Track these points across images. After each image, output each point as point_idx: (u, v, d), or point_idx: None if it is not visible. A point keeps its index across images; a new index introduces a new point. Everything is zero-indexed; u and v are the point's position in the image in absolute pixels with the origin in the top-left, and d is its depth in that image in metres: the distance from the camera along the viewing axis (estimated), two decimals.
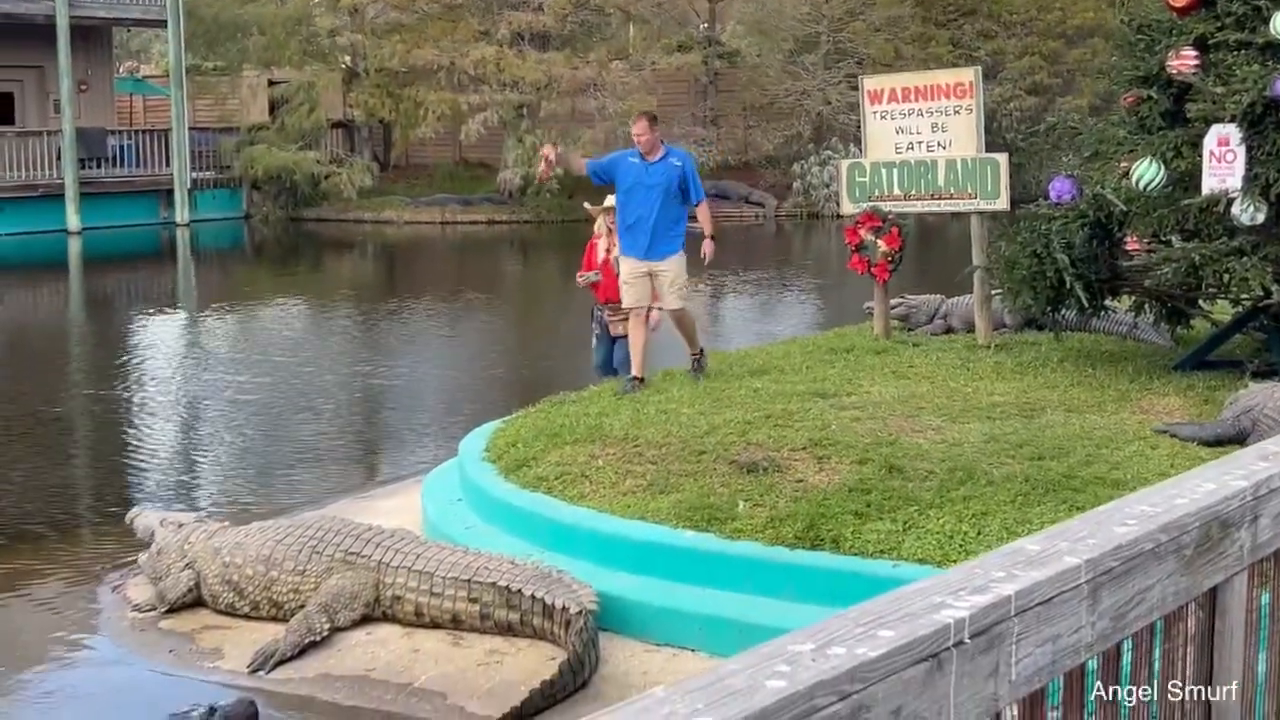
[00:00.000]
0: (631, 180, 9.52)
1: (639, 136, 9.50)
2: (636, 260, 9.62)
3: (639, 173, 9.49)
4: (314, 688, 6.76)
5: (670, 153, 9.62)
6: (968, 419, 8.37)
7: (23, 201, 32.29)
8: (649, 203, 9.49)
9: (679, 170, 9.51)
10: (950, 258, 17.58)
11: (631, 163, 9.53)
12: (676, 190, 9.54)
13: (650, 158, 9.49)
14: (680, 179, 9.51)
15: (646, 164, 9.49)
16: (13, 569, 8.80)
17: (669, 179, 9.48)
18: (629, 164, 9.54)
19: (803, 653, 1.75)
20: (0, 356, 18.54)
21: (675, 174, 9.49)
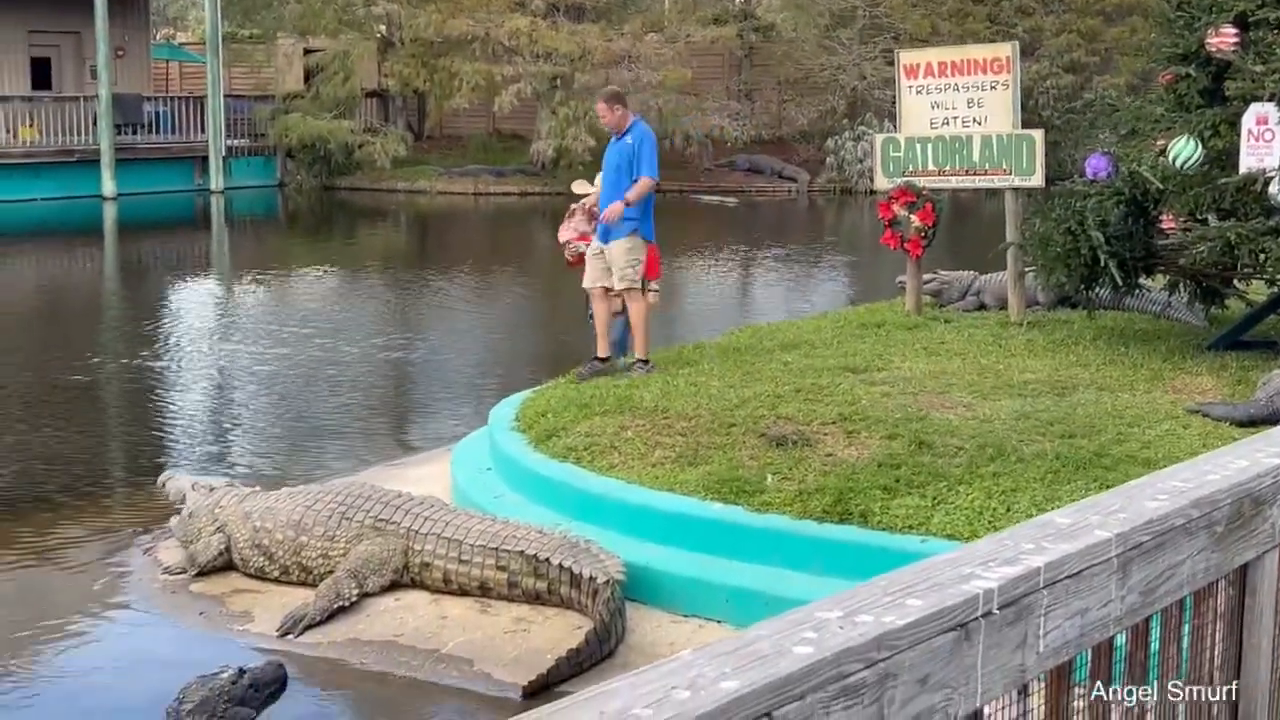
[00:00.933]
0: (604, 162, 9.59)
1: (602, 117, 9.50)
2: (595, 239, 9.69)
3: (607, 153, 9.53)
4: (342, 652, 6.80)
5: (631, 130, 9.47)
6: (999, 396, 8.34)
7: (59, 167, 32.46)
8: (606, 183, 9.54)
9: (631, 148, 9.39)
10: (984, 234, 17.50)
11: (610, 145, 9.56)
12: (627, 167, 9.41)
13: (616, 136, 9.47)
14: (631, 155, 9.38)
15: (614, 144, 9.49)
16: (46, 532, 8.87)
17: (622, 157, 9.42)
18: (609, 147, 9.58)
19: (830, 619, 1.75)
20: (35, 322, 18.67)
21: (628, 151, 9.39)
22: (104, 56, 33.18)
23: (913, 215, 11.13)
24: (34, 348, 15.87)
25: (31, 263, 25.22)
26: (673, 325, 17.52)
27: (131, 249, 27.18)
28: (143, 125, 34.70)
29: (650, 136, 9.50)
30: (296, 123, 35.48)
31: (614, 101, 9.45)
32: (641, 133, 9.47)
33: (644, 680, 1.54)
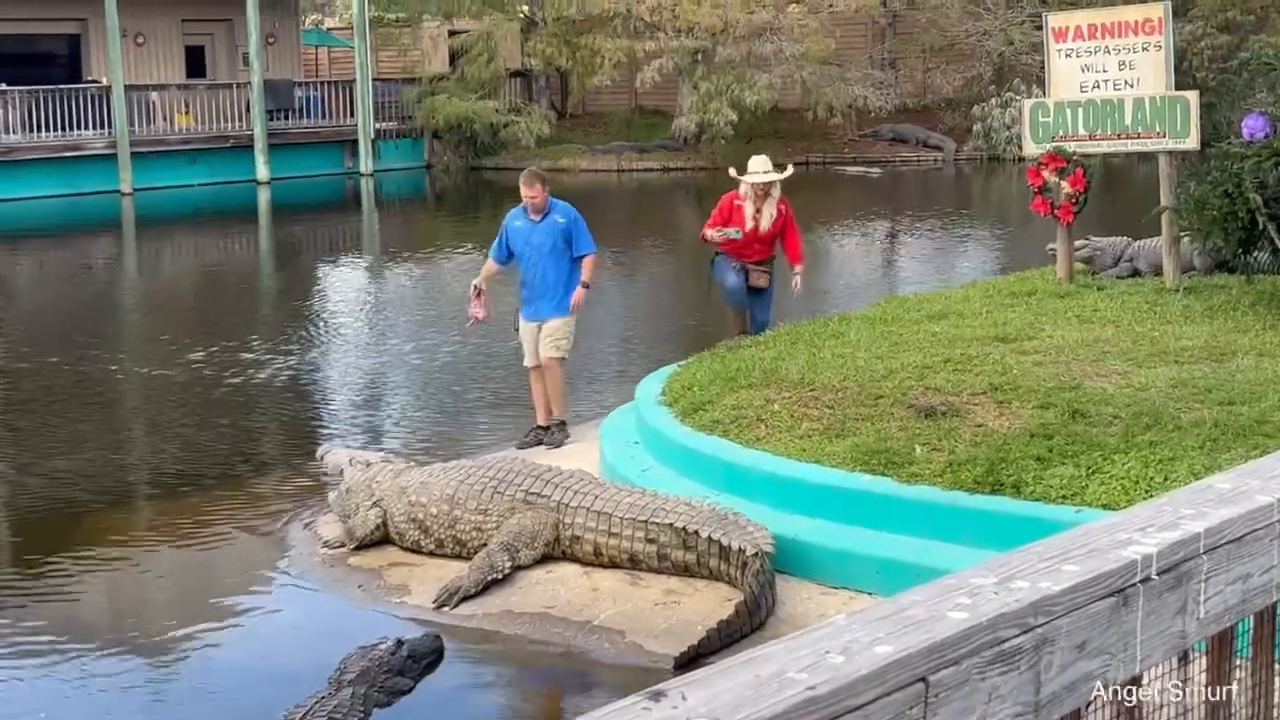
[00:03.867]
0: (522, 242, 9.51)
1: (532, 199, 9.39)
2: (526, 321, 9.69)
3: (526, 235, 9.46)
4: (497, 623, 6.92)
5: (554, 209, 9.47)
6: (1154, 364, 8.17)
7: (214, 152, 33.29)
8: (537, 264, 9.49)
9: (562, 227, 9.41)
10: (1137, 199, 17.12)
11: (518, 226, 9.49)
12: (563, 247, 9.47)
13: (536, 217, 9.41)
14: (565, 234, 9.42)
15: (532, 224, 9.42)
16: (210, 508, 9.14)
17: (553, 237, 9.42)
18: (516, 228, 9.51)
19: (985, 585, 1.75)
20: (196, 304, 19.20)
21: (559, 230, 9.40)
22: (255, 44, 33.92)
23: (1063, 181, 10.93)
24: (195, 330, 16.33)
25: (192, 246, 25.93)
26: (819, 297, 17.43)
27: (286, 232, 27.80)
28: (294, 110, 35.40)
29: (577, 213, 9.64)
30: (442, 104, 35.92)
31: (543, 182, 9.47)
32: (568, 211, 9.58)
33: (798, 644, 1.55)
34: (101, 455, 10.53)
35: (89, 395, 12.41)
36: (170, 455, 10.58)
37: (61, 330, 16.55)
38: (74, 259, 23.98)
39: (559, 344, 9.73)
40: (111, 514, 9.14)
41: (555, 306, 9.68)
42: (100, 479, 9.93)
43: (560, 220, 9.47)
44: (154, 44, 35.57)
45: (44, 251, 24.92)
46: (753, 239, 10.53)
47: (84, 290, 20.51)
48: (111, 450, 10.75)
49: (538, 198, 9.40)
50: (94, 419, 11.66)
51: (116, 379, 13.10)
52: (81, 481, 9.82)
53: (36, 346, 15.27)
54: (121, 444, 11.00)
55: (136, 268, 23.38)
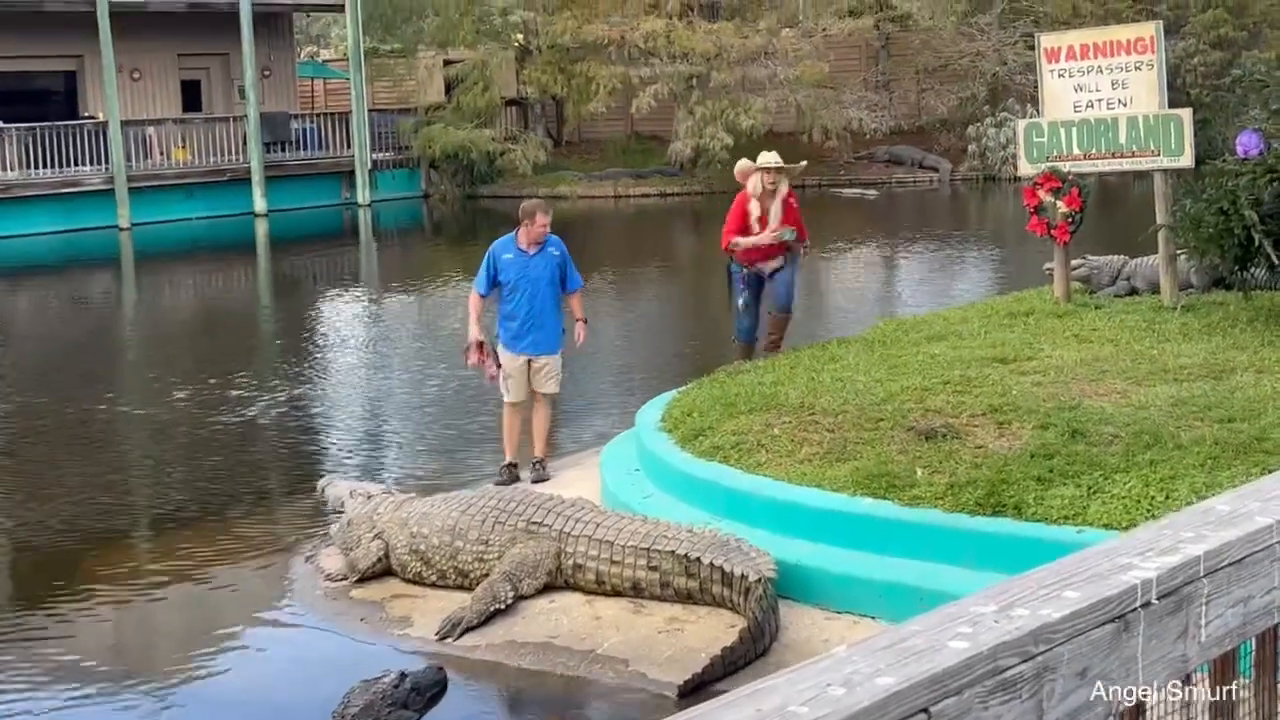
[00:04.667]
0: (518, 274, 9.36)
1: (545, 227, 9.31)
2: (515, 355, 9.51)
3: (521, 266, 9.34)
4: (500, 654, 6.90)
5: (550, 242, 9.41)
6: (1153, 382, 8.17)
7: (212, 186, 33.34)
8: (534, 296, 9.39)
9: (557, 260, 9.37)
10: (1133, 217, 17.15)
11: (509, 258, 9.36)
12: (558, 279, 9.44)
13: (532, 250, 9.35)
14: (561, 267, 9.40)
15: (528, 256, 9.34)
16: (212, 542, 9.13)
17: (550, 269, 9.37)
18: (508, 260, 9.37)
19: (985, 614, 1.75)
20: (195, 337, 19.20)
21: (555, 263, 9.36)
22: (251, 77, 34.01)
23: (1059, 201, 10.95)
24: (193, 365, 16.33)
25: (190, 280, 25.94)
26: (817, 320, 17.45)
27: (284, 264, 27.83)
28: (291, 143, 35.47)
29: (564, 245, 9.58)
30: (439, 134, 36.00)
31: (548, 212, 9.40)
32: (559, 243, 9.51)
33: (800, 677, 1.55)
34: (100, 492, 10.51)
35: (87, 432, 12.40)
36: (170, 490, 10.57)
37: (60, 367, 16.55)
38: (72, 295, 24.01)
39: (559, 378, 9.71)
40: (112, 550, 9.13)
41: (554, 341, 9.62)
42: (100, 515, 9.91)
43: (555, 253, 9.43)
44: (150, 79, 35.67)
45: (43, 288, 24.94)
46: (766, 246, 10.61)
47: (82, 327, 20.53)
48: (110, 486, 10.73)
49: (548, 226, 9.37)
50: (92, 456, 11.65)
51: (115, 415, 13.09)
52: (82, 518, 9.81)
53: (33, 384, 15.27)
54: (121, 480, 10.98)
55: (134, 303, 23.39)
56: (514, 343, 9.54)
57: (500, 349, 9.60)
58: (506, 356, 9.58)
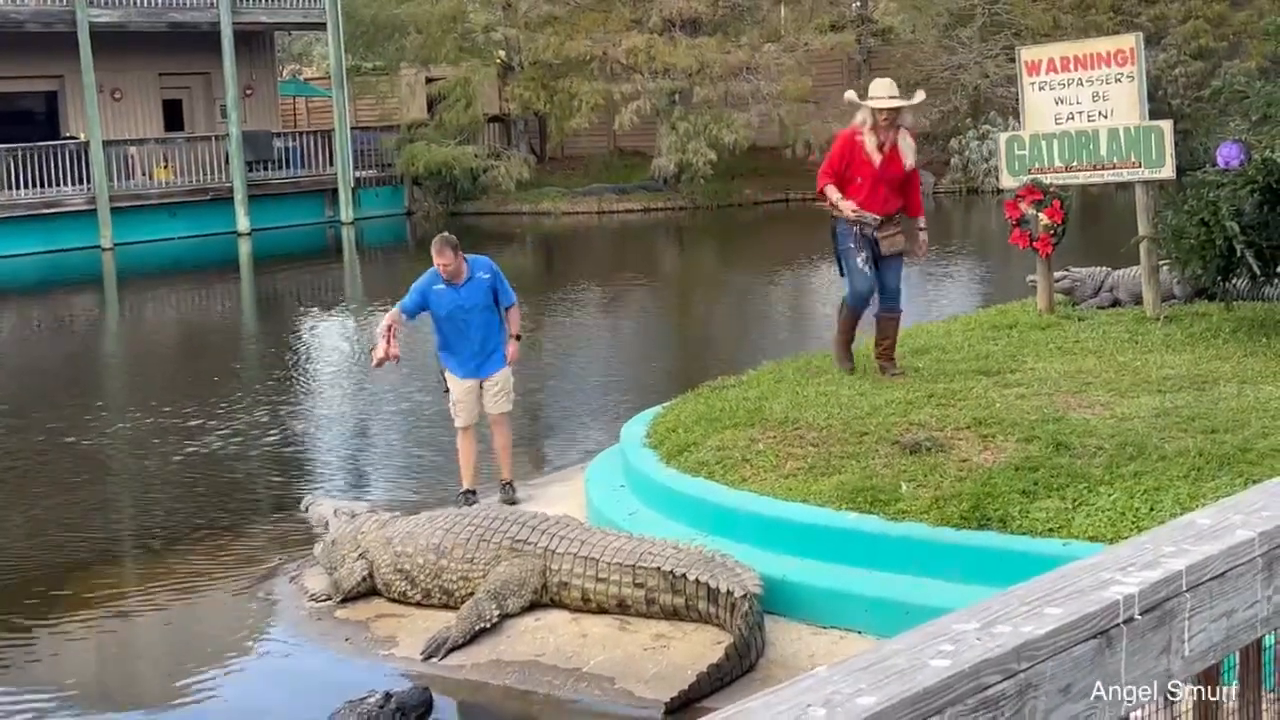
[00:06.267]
0: (450, 306, 9.28)
1: (445, 266, 9.15)
2: (463, 379, 9.44)
3: (453, 297, 9.25)
4: (485, 673, 6.87)
5: (475, 267, 9.31)
6: (1137, 393, 8.18)
7: (195, 205, 33.32)
8: (472, 324, 9.32)
9: (489, 282, 9.30)
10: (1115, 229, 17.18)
11: (440, 290, 9.25)
12: (492, 302, 9.38)
13: (458, 281, 9.25)
14: (491, 289, 9.33)
15: (456, 288, 9.25)
16: (195, 562, 9.09)
17: (484, 294, 9.30)
18: (439, 292, 9.26)
19: (967, 631, 1.73)
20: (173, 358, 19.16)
21: (486, 286, 9.29)
22: (233, 96, 34.00)
23: (1041, 213, 10.97)
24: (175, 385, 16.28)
25: (172, 300, 25.89)
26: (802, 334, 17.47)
27: (268, 283, 27.78)
28: (273, 161, 35.47)
29: (495, 265, 9.47)
30: (421, 151, 36.02)
31: (455, 248, 9.20)
32: (488, 265, 9.38)
33: (780, 699, 1.54)
34: (81, 515, 10.46)
35: (67, 455, 12.34)
36: (152, 512, 10.53)
37: (39, 389, 16.50)
38: (54, 316, 23.94)
39: (511, 396, 9.63)
40: (94, 572, 9.08)
41: (502, 358, 9.53)
42: (81, 538, 9.86)
43: (485, 276, 9.29)
44: (131, 99, 35.63)
45: (24, 309, 24.87)
46: (881, 181, 8.88)
47: (63, 349, 20.46)
48: (91, 509, 10.68)
49: (450, 264, 9.14)
50: (72, 478, 11.59)
51: (96, 437, 13.03)
52: (63, 542, 9.75)
53: (13, 407, 15.21)
54: (101, 502, 10.93)
55: (116, 324, 23.32)
56: (461, 369, 9.45)
57: (448, 375, 9.52)
58: (455, 382, 9.47)
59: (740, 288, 23.07)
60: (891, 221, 8.94)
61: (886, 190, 8.87)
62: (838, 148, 9.00)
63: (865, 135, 8.78)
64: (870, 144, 8.78)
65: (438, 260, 9.19)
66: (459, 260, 9.20)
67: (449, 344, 9.49)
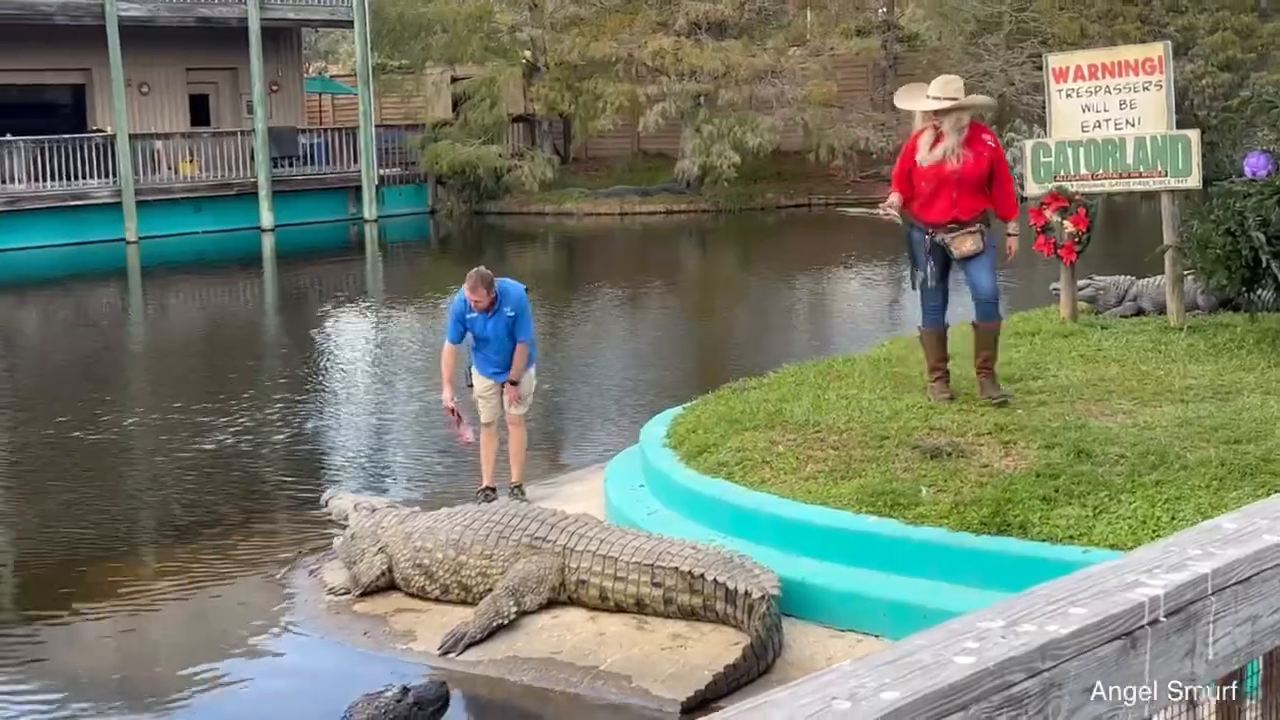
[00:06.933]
0: (477, 331, 9.48)
1: (476, 303, 9.31)
2: (486, 378, 9.58)
3: (481, 325, 9.43)
4: (502, 669, 6.88)
5: (503, 301, 9.37)
6: (1159, 402, 8.16)
7: (219, 200, 33.41)
8: (498, 349, 9.47)
9: (510, 319, 9.37)
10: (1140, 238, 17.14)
11: (473, 317, 9.43)
12: (511, 333, 9.44)
13: (489, 312, 9.38)
14: (510, 326, 9.41)
15: (485, 317, 9.39)
16: (216, 555, 9.12)
17: (505, 328, 9.40)
18: (472, 318, 9.44)
19: (992, 629, 1.73)
20: (196, 352, 19.23)
21: (507, 323, 9.37)
22: (259, 92, 34.09)
23: (1065, 220, 10.95)
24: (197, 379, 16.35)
25: (195, 294, 25.99)
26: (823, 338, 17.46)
27: (290, 278, 27.86)
28: (298, 157, 35.54)
29: (525, 299, 9.54)
30: (446, 150, 36.06)
31: (488, 285, 9.29)
32: (517, 302, 9.42)
33: (804, 691, 1.54)
34: (102, 507, 10.51)
35: (89, 446, 12.40)
36: (172, 504, 10.56)
37: (63, 382, 16.57)
38: (78, 308, 24.04)
39: (529, 401, 9.72)
40: (114, 565, 9.12)
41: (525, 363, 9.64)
42: (102, 530, 9.90)
43: (510, 314, 9.38)
44: (158, 93, 35.76)
45: (49, 301, 24.99)
46: (941, 182, 8.27)
47: (86, 341, 20.54)
48: (112, 501, 10.73)
49: (481, 301, 9.30)
50: (94, 470, 11.64)
51: (118, 429, 13.09)
52: (84, 534, 9.79)
53: (36, 399, 15.29)
54: (123, 494, 10.97)
55: (139, 317, 23.41)
56: (486, 367, 9.59)
57: (474, 371, 9.65)
58: (477, 378, 9.62)
59: (761, 291, 23.06)
60: (967, 224, 8.31)
61: (956, 193, 8.27)
62: (904, 149, 8.63)
63: (924, 137, 8.39)
64: (924, 142, 8.38)
65: (470, 295, 9.29)
66: (490, 297, 9.30)
67: (475, 348, 9.62)
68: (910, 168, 8.34)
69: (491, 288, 9.30)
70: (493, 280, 9.36)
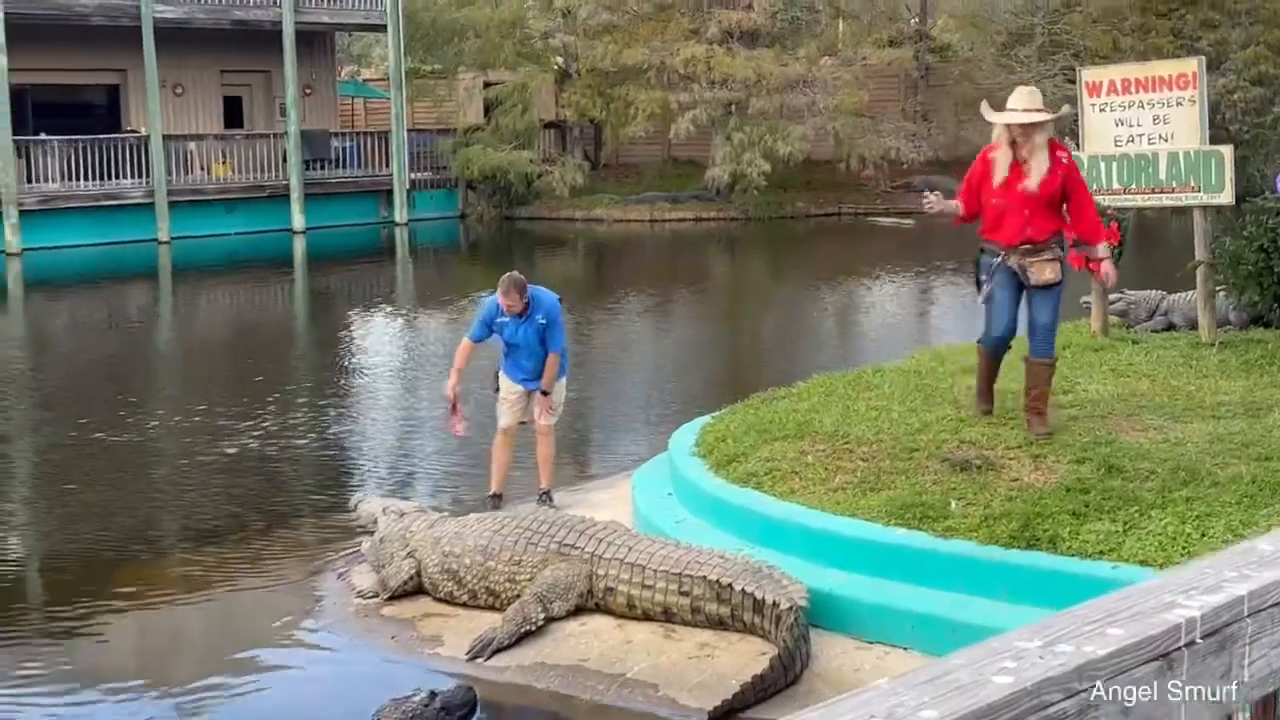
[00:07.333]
0: (507, 336, 9.49)
1: (509, 308, 9.31)
2: (515, 384, 9.58)
3: (512, 331, 9.44)
4: (530, 676, 6.90)
5: (535, 308, 9.37)
6: (1190, 418, 8.14)
7: (252, 202, 33.57)
8: (529, 356, 9.48)
9: (541, 327, 9.38)
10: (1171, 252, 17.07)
11: (501, 321, 9.45)
12: (543, 342, 9.44)
13: (521, 317, 9.39)
14: (541, 334, 9.41)
15: (517, 323, 9.40)
16: (244, 558, 9.17)
17: (536, 336, 9.40)
18: (500, 323, 9.46)
19: (1029, 649, 1.75)
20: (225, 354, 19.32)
21: (538, 331, 9.38)
22: (292, 95, 34.25)
23: None
24: (225, 380, 16.43)
25: (226, 295, 26.12)
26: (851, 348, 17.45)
27: (320, 281, 27.98)
28: (330, 160, 35.69)
29: (557, 307, 9.52)
30: (477, 155, 36.16)
31: (521, 290, 9.31)
32: (549, 310, 9.41)
33: (843, 709, 1.56)
34: (131, 507, 10.57)
35: (118, 447, 12.47)
36: (201, 506, 10.61)
37: (94, 382, 16.68)
38: (109, 308, 24.19)
39: (559, 411, 9.74)
40: (142, 565, 9.18)
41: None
42: (131, 530, 9.96)
43: (541, 321, 9.38)
44: (192, 95, 35.96)
45: (80, 300, 25.15)
46: (1014, 201, 7.72)
47: (117, 341, 20.67)
48: (141, 502, 10.79)
49: (514, 306, 9.32)
50: (123, 471, 11.71)
51: (146, 431, 13.16)
52: (113, 534, 9.85)
53: (68, 399, 15.39)
54: (152, 495, 11.03)
55: (170, 317, 23.54)
56: (515, 373, 9.61)
57: (501, 374, 9.68)
58: (505, 381, 9.64)
59: (790, 300, 23.05)
60: (1043, 248, 7.78)
61: (1030, 212, 7.74)
62: (973, 166, 8.03)
63: (997, 150, 7.81)
64: (1001, 161, 7.78)
65: (503, 300, 9.31)
66: (523, 303, 9.32)
67: (505, 354, 9.65)
68: (979, 185, 7.84)
69: (524, 292, 9.33)
70: (525, 285, 9.38)
